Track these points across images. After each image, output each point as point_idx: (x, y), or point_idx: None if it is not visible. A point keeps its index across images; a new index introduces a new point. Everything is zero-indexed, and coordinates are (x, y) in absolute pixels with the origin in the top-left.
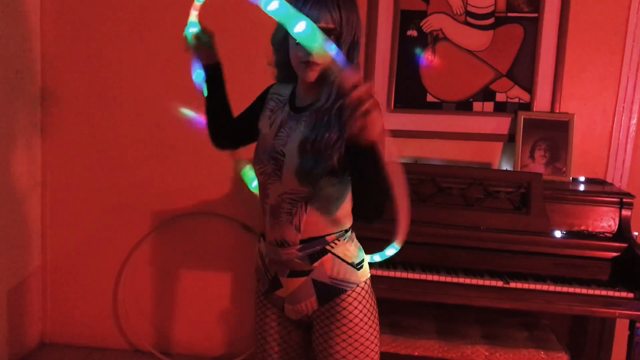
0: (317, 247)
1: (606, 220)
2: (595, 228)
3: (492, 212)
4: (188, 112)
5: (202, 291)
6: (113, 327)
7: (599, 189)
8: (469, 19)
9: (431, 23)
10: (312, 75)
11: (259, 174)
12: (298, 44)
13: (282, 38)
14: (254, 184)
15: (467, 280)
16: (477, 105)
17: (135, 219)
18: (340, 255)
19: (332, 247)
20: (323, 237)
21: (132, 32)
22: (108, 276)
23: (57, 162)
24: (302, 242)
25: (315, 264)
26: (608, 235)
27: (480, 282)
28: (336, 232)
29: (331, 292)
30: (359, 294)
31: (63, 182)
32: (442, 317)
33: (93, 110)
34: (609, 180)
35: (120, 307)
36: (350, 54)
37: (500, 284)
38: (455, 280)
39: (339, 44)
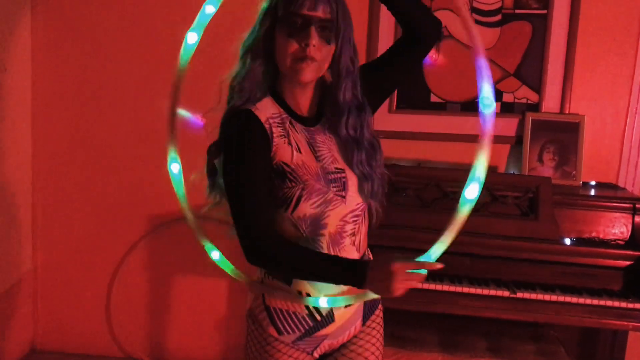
0: None
1: (618, 227)
2: (607, 235)
3: (499, 218)
4: (183, 113)
5: (197, 298)
6: (106, 334)
7: (611, 193)
8: (475, 16)
9: None
10: (309, 73)
11: (314, 208)
12: (290, 36)
13: (262, 39)
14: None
15: (472, 290)
16: None
17: (129, 222)
18: None
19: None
20: (366, 250)
21: (125, 29)
22: (101, 281)
23: (47, 163)
24: None
25: None
26: (620, 242)
27: (486, 291)
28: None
29: (373, 307)
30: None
31: (54, 183)
32: (446, 329)
33: (85, 110)
34: (620, 184)
35: (113, 314)
36: (351, 56)
37: (506, 293)
38: (459, 289)
39: (336, 39)
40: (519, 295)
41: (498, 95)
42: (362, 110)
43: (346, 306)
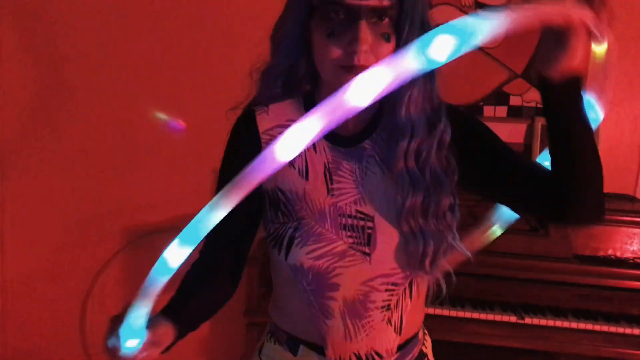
0: (415, 352)
1: (637, 244)
2: (624, 253)
3: (505, 233)
4: (163, 117)
5: None
6: (80, 354)
7: (628, 207)
8: (479, 12)
9: (436, 16)
10: None
11: (313, 260)
12: (330, 37)
13: (295, 31)
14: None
15: (475, 315)
16: (488, 110)
17: (104, 235)
18: (429, 354)
19: (426, 347)
20: (417, 333)
21: (97, 31)
22: (75, 298)
23: (17, 172)
24: (400, 348)
25: None
26: (639, 261)
27: (491, 316)
28: (421, 322)
29: None
30: None
31: (24, 194)
32: (445, 357)
33: (55, 117)
34: (639, 196)
35: (88, 332)
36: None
37: (513, 319)
38: (460, 314)
39: (399, 31)
40: (527, 320)
41: (505, 98)
42: (433, 129)
43: None
